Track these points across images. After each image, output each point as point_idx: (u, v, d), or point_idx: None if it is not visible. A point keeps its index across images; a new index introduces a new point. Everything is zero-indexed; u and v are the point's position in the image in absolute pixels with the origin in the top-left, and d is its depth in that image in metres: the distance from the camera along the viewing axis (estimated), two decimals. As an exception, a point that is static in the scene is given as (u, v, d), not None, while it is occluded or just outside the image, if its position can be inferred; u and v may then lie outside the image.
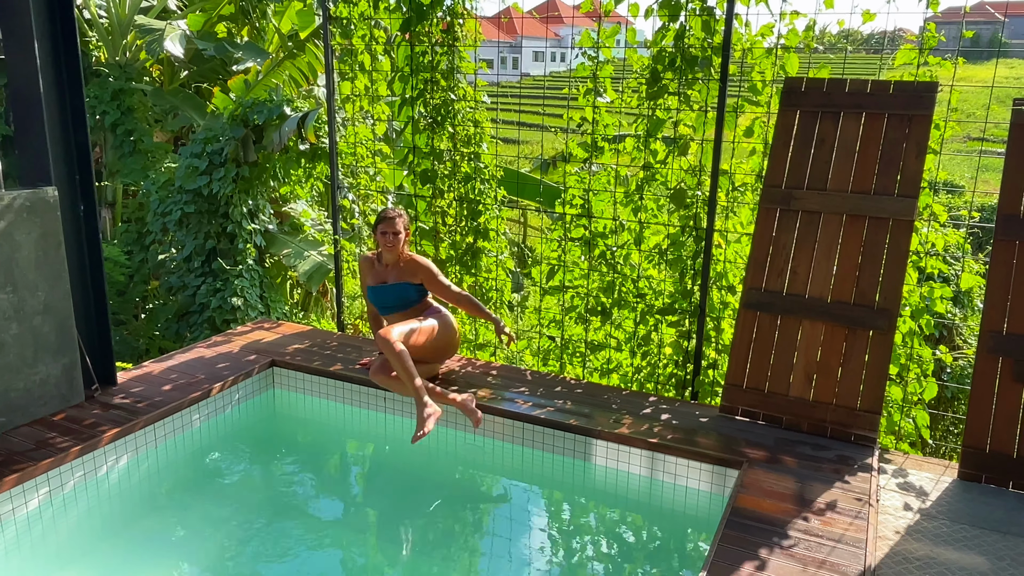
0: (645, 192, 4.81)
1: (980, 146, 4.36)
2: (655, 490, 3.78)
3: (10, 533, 3.34)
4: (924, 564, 2.96)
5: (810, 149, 4.06)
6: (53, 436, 3.71)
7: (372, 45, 5.53)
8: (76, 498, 3.61)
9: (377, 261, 4.41)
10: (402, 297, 4.33)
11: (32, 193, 3.73)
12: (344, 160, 5.73)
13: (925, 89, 3.90)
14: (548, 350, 5.52)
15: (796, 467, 3.57)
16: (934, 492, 3.48)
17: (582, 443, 3.93)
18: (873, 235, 3.87)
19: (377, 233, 4.28)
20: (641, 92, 4.64)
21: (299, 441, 4.64)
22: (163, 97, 8.39)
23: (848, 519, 3.17)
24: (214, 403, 4.35)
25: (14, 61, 3.78)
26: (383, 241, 4.26)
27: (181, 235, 6.97)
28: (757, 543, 2.99)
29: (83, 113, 4.00)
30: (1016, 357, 3.54)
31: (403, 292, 4.33)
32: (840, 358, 3.87)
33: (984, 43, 30.59)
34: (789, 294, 4.00)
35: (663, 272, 4.91)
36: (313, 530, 3.72)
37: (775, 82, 4.42)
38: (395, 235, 4.24)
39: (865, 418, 3.78)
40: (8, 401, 3.74)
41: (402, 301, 4.34)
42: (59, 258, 3.88)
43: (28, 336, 3.78)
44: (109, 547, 3.51)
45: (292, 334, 5.24)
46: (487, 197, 5.50)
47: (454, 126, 5.38)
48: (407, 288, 4.32)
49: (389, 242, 4.24)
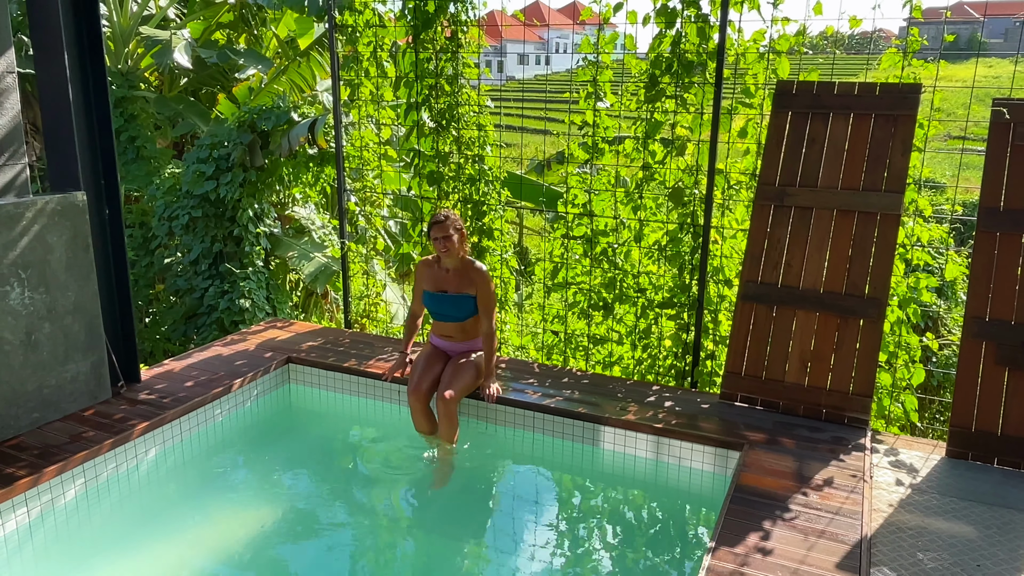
0: (644, 191, 5.02)
1: (961, 144, 4.60)
2: (661, 472, 3.99)
3: (49, 522, 3.50)
4: (916, 533, 3.18)
5: (801, 148, 4.29)
6: (86, 430, 3.87)
7: (377, 52, 5.72)
8: (109, 488, 3.78)
9: (437, 264, 4.32)
10: (462, 308, 4.27)
11: (63, 197, 3.90)
12: (351, 164, 5.92)
13: (909, 90, 4.13)
14: (552, 345, 5.72)
15: (794, 448, 3.78)
16: (924, 469, 3.71)
17: (591, 429, 4.14)
18: (862, 229, 4.10)
19: (431, 240, 4.19)
20: (640, 96, 4.85)
21: (316, 433, 4.82)
22: (166, 104, 8.54)
23: (844, 494, 3.38)
24: (235, 398, 4.52)
25: (45, 72, 3.95)
26: (438, 247, 4.17)
27: (188, 239, 7.12)
28: (761, 516, 3.20)
29: (108, 120, 4.17)
30: (999, 341, 3.78)
31: (463, 304, 4.26)
32: (833, 345, 4.09)
33: (963, 43, 31.12)
34: (784, 286, 4.22)
35: (662, 268, 5.12)
36: (333, 517, 3.90)
37: (767, 85, 4.65)
38: (446, 239, 4.14)
39: (857, 401, 4.01)
40: (42, 397, 3.90)
41: (462, 312, 4.28)
42: (88, 259, 4.05)
43: (60, 335, 3.95)
44: (142, 535, 3.67)
45: (305, 332, 5.41)
46: (491, 198, 5.70)
47: (458, 130, 5.57)
48: (467, 300, 4.25)
49: (443, 247, 4.15)
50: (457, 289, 4.25)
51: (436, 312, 4.36)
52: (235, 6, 9.20)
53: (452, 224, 4.16)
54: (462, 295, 4.24)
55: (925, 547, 3.08)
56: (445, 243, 4.15)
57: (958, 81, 14.39)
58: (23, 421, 3.82)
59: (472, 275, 4.24)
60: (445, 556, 3.63)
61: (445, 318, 4.33)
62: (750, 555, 2.94)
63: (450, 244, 4.15)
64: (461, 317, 4.29)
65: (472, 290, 4.24)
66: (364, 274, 6.32)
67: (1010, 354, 3.74)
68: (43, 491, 3.48)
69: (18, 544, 3.35)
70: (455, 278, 4.26)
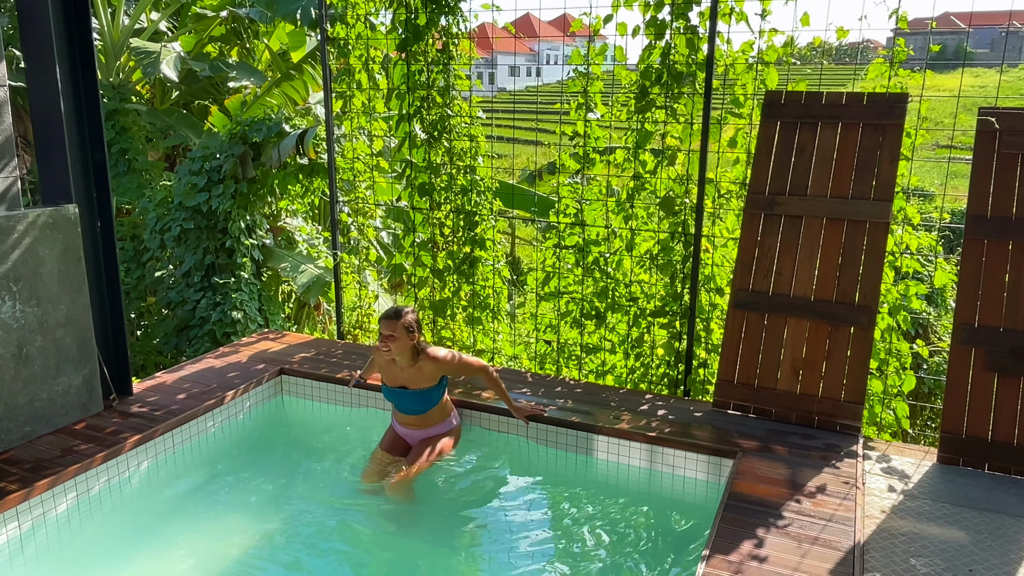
0: (635, 201, 5.05)
1: (948, 153, 4.65)
2: (655, 480, 3.99)
3: (40, 535, 3.48)
4: (909, 539, 3.20)
5: (790, 158, 4.33)
6: (77, 443, 3.85)
7: (369, 64, 5.75)
8: (101, 501, 3.76)
9: (393, 360, 4.04)
10: (425, 402, 4.07)
11: (55, 210, 3.90)
12: (343, 175, 5.93)
13: (896, 100, 4.18)
14: (545, 354, 5.73)
15: (787, 455, 3.80)
16: (916, 475, 3.73)
17: (584, 438, 4.15)
18: (852, 237, 4.14)
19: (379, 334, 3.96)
20: (630, 106, 4.89)
21: (309, 444, 4.80)
22: (158, 116, 8.54)
23: (837, 500, 3.40)
24: (227, 410, 4.51)
25: (36, 85, 3.95)
26: (380, 342, 3.92)
27: (180, 251, 7.11)
28: (754, 523, 3.21)
29: (101, 133, 4.17)
30: (988, 347, 3.81)
31: (426, 398, 4.06)
32: (824, 353, 4.11)
33: (950, 53, 31.42)
34: (775, 294, 4.25)
35: (654, 276, 5.14)
36: (326, 528, 3.88)
37: (756, 95, 4.69)
38: (388, 338, 3.88)
39: (849, 408, 4.03)
40: (33, 411, 3.88)
41: (425, 405, 4.09)
42: (80, 272, 4.04)
43: (51, 348, 3.93)
44: (134, 548, 3.65)
45: (297, 344, 5.41)
46: (483, 208, 5.72)
47: (450, 141, 5.60)
48: (429, 394, 4.05)
49: (385, 346, 3.90)
50: (417, 384, 4.04)
51: (398, 405, 4.17)
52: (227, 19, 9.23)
53: (403, 323, 3.89)
54: (423, 390, 4.04)
55: (918, 552, 3.10)
56: (387, 342, 3.89)
57: (945, 91, 14.55)
58: (14, 435, 3.80)
59: (427, 370, 4.00)
60: (438, 565, 3.62)
61: (407, 411, 4.15)
62: (744, 562, 2.95)
63: (392, 343, 3.89)
64: (424, 410, 4.11)
65: (431, 382, 4.04)
66: (357, 284, 6.32)
67: (999, 360, 3.77)
68: (34, 505, 3.46)
69: (9, 558, 3.33)
70: (413, 374, 4.02)
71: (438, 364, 4.02)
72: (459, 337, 5.95)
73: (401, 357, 3.97)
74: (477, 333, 5.86)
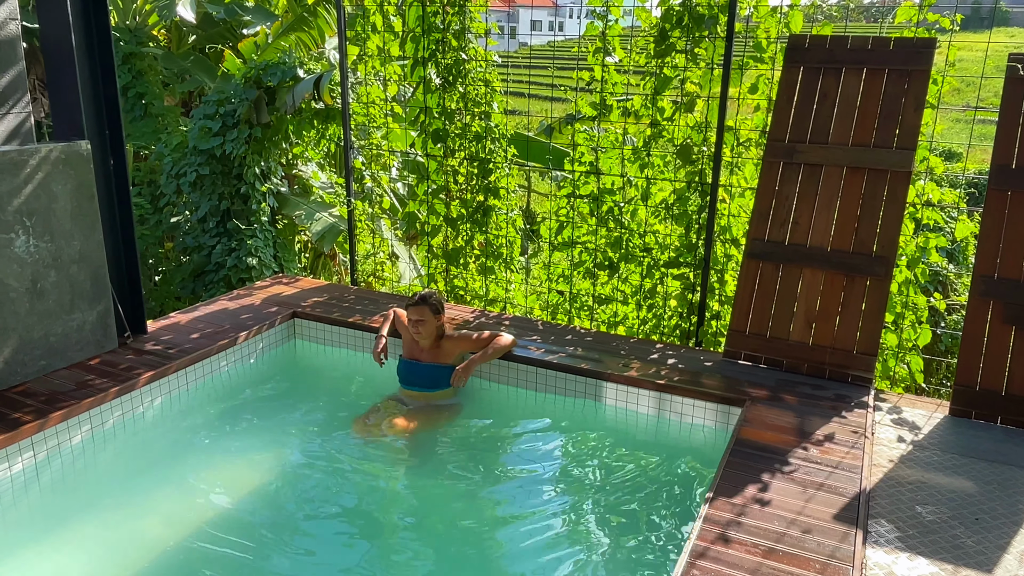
0: (652, 149, 4.97)
1: (974, 115, 4.49)
2: (663, 427, 3.99)
3: (56, 465, 3.55)
4: (915, 487, 3.18)
5: (813, 104, 4.22)
6: (92, 378, 3.90)
7: (384, 6, 5.64)
8: (115, 434, 3.82)
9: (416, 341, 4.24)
10: (433, 379, 4.19)
11: (67, 146, 3.89)
12: (356, 119, 5.87)
13: (923, 45, 4.05)
14: (557, 304, 5.71)
15: (796, 404, 3.78)
16: (926, 426, 3.70)
17: (593, 385, 4.14)
18: (872, 186, 4.05)
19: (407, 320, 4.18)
20: (649, 50, 4.78)
21: (321, 386, 4.84)
22: (174, 60, 8.48)
23: (845, 448, 3.38)
24: (240, 351, 4.55)
25: (47, 20, 3.92)
26: (411, 328, 4.16)
27: (196, 196, 7.12)
28: (760, 468, 3.21)
29: (112, 68, 4.14)
30: (1006, 300, 3.74)
31: (435, 375, 4.19)
32: (839, 304, 4.06)
33: (986, 11, 30.42)
34: (791, 244, 4.18)
35: (669, 227, 5.08)
36: (335, 467, 3.92)
37: (780, 39, 4.56)
38: (419, 323, 4.11)
39: (862, 359, 3.98)
40: (48, 345, 3.93)
41: (431, 383, 4.20)
42: (92, 209, 4.05)
43: (65, 283, 3.96)
44: (146, 479, 3.71)
45: (310, 288, 5.42)
46: (497, 156, 5.65)
47: (465, 86, 5.51)
48: (440, 371, 4.18)
49: (416, 330, 4.14)
50: (432, 359, 4.20)
51: (405, 379, 4.26)
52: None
53: (429, 306, 4.10)
54: (435, 365, 4.18)
55: (924, 501, 3.08)
56: (417, 326, 4.12)
57: (978, 51, 14.12)
58: (30, 368, 3.86)
59: (450, 348, 4.20)
60: (445, 509, 3.66)
61: (413, 387, 4.23)
62: (747, 505, 2.95)
63: (422, 327, 4.11)
64: (431, 388, 4.20)
65: (449, 359, 4.20)
66: (371, 233, 6.31)
67: (1017, 313, 3.70)
68: (49, 436, 3.52)
69: (24, 484, 3.40)
70: (433, 351, 4.21)
71: (453, 341, 4.23)
72: (471, 287, 5.94)
73: (425, 340, 4.18)
74: (490, 282, 5.85)
